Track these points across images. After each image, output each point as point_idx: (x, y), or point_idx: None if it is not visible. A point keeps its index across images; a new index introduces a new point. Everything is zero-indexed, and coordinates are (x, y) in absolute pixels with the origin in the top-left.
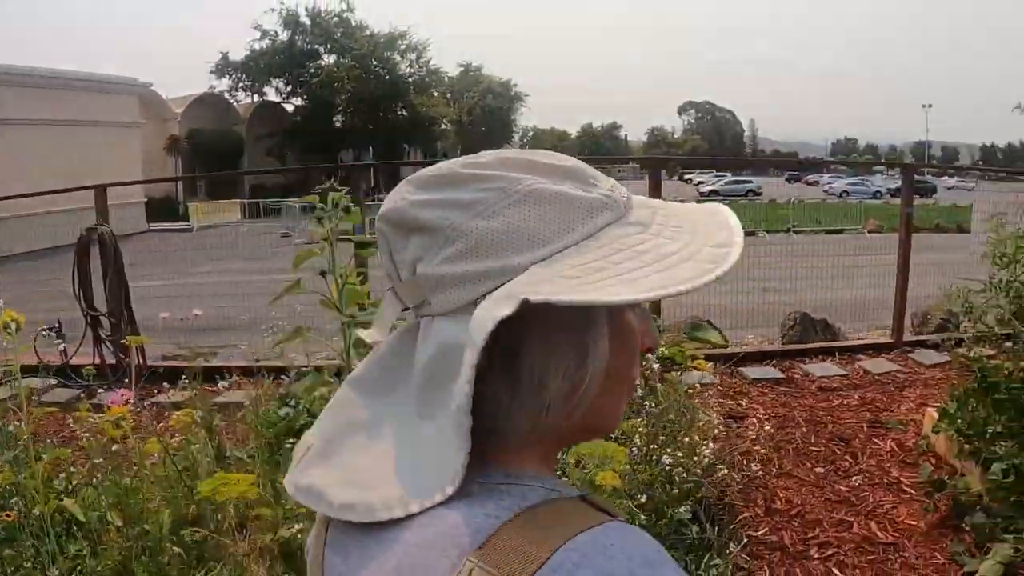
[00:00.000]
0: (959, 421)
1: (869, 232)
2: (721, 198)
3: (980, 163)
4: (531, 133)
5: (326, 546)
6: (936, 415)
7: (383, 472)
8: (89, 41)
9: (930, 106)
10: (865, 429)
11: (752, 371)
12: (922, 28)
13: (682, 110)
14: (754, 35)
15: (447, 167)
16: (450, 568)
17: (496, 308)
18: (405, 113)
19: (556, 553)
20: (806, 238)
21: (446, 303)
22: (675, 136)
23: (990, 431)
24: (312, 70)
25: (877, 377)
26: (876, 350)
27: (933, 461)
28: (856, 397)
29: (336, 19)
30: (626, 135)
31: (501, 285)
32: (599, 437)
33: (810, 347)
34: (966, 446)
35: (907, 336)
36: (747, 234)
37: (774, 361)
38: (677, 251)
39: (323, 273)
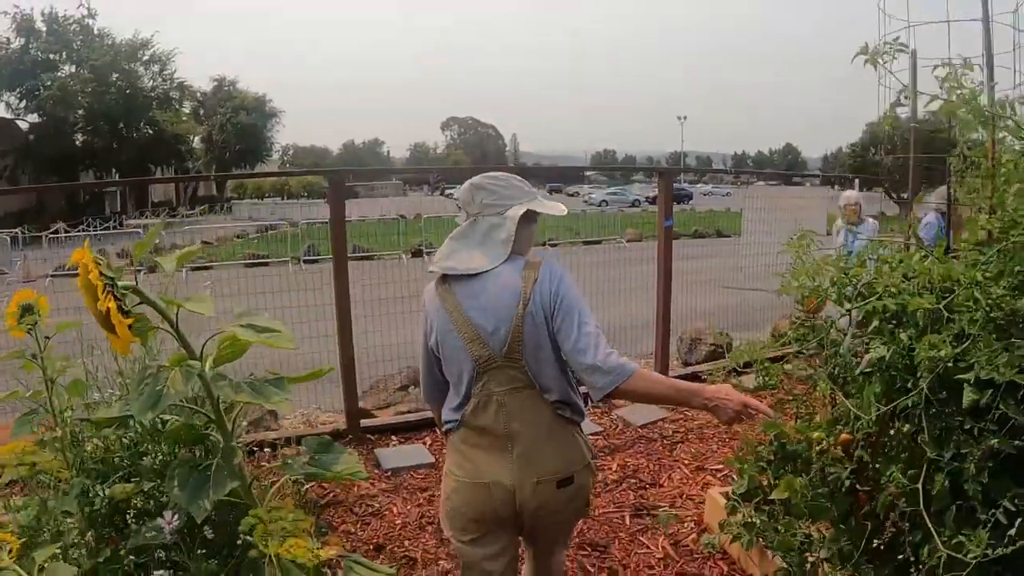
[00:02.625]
0: (758, 523)
1: (628, 242)
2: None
3: (731, 171)
4: (291, 151)
5: (455, 293)
6: (720, 498)
7: (477, 259)
8: None
9: (685, 118)
10: (628, 522)
11: None
12: (677, 46)
13: (445, 126)
14: (517, 53)
15: (498, 175)
16: (518, 277)
17: (518, 211)
18: (150, 131)
19: (543, 263)
20: (563, 250)
21: (489, 212)
22: (437, 151)
23: (815, 538)
24: (48, 83)
25: (640, 431)
26: None
27: (724, 568)
28: (615, 466)
29: (76, 26)
30: (388, 151)
31: (507, 208)
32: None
33: None
34: (777, 561)
35: (673, 364)
36: None
37: None
38: (552, 205)
39: None
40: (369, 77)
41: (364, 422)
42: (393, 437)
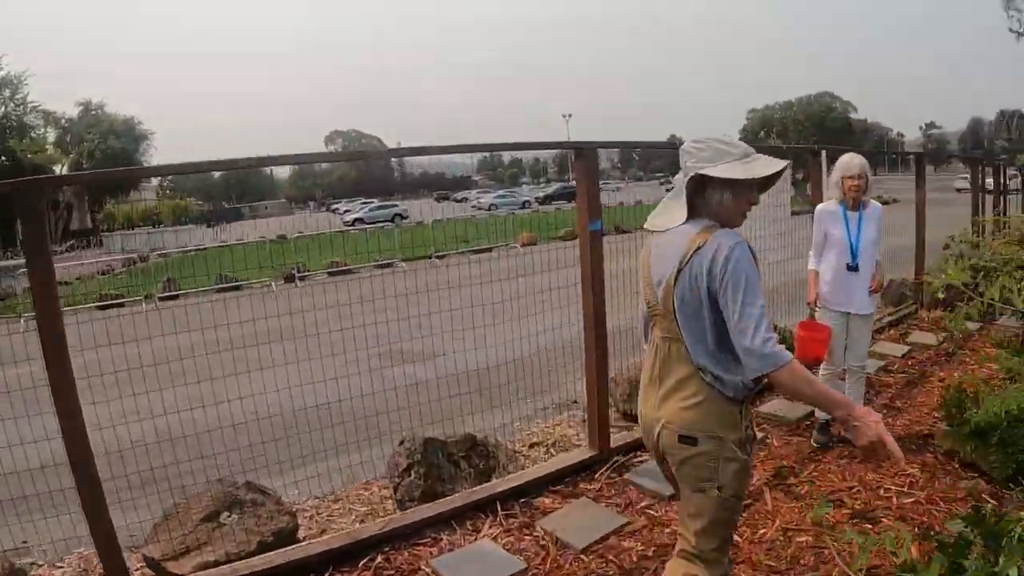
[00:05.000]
0: None
1: (522, 246)
2: (367, 225)
3: (619, 166)
4: (169, 177)
5: (650, 243)
6: None
7: (668, 216)
8: None
9: (570, 116)
10: None
11: None
12: (561, 42)
13: (328, 140)
14: (398, 61)
15: (705, 138)
16: (687, 240)
17: (690, 172)
18: (6, 161)
19: (716, 230)
20: (451, 262)
21: (688, 172)
22: (322, 166)
23: None
24: None
25: (584, 560)
26: (573, 475)
27: None
28: None
29: None
30: (271, 170)
31: (701, 169)
32: (732, 227)
33: (432, 512)
34: None
35: (614, 418)
36: (384, 266)
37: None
38: (765, 163)
39: None
40: (255, 94)
41: None
42: None
